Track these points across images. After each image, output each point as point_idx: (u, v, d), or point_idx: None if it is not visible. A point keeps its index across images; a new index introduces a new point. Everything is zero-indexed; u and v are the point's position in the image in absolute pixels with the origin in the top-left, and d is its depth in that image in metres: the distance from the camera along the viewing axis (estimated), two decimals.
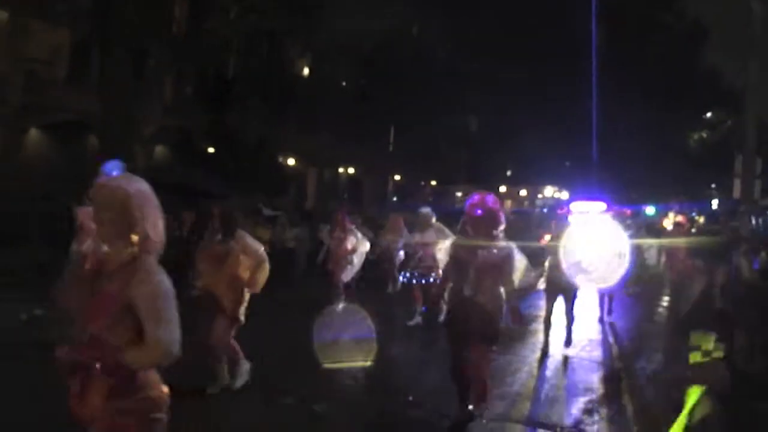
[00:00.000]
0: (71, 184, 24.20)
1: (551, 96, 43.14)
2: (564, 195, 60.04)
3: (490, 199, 7.74)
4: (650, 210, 43.73)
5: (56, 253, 12.99)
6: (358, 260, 14.98)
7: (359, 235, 15.17)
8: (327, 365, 10.17)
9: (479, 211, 7.63)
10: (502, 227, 7.72)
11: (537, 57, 41.95)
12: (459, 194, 60.33)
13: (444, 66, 43.29)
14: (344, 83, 43.24)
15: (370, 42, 37.79)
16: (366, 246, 15.33)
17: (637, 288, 16.86)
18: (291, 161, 43.36)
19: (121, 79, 23.37)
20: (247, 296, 8.68)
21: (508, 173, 61.64)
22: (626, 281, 14.00)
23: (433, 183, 60.11)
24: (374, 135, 46.20)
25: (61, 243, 13.21)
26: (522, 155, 52.03)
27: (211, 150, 34.68)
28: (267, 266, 8.74)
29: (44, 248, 16.10)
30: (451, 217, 14.78)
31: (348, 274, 14.91)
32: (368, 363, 10.56)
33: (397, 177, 56.27)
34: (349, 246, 14.74)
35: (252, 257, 8.64)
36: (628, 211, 35.75)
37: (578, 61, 37.77)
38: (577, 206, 27.67)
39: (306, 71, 43.76)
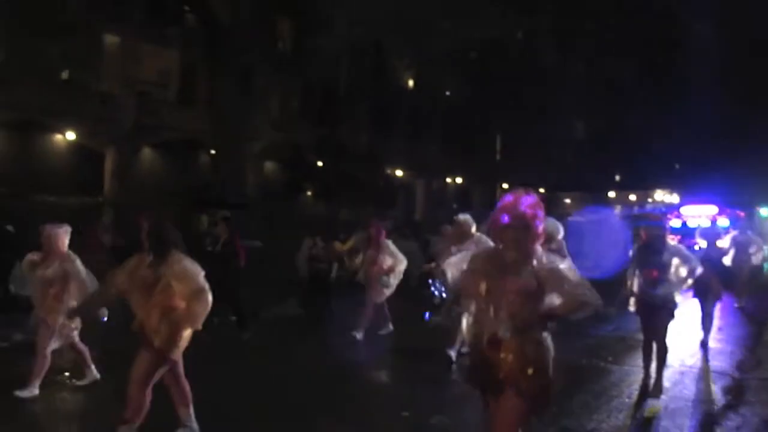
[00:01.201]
0: (183, 200, 24.76)
1: (658, 97, 42.24)
2: (675, 199, 58.58)
3: (526, 201, 5.47)
4: (765, 212, 41.94)
5: None
6: (394, 280, 13.29)
7: (395, 251, 13.41)
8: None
9: (506, 218, 5.43)
10: (539, 240, 5.44)
11: (646, 58, 41.15)
12: (568, 201, 59.53)
13: (551, 71, 42.74)
14: (449, 93, 43.03)
15: (476, 50, 37.55)
16: (403, 264, 13.41)
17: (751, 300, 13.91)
18: (399, 173, 43.36)
19: (230, 98, 23.69)
20: (186, 332, 7.05)
21: (617, 178, 60.45)
22: (738, 292, 13.18)
23: (541, 190, 59.39)
24: (481, 144, 45.90)
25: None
26: (631, 159, 51.01)
27: (319, 164, 34.89)
28: (207, 297, 7.02)
29: None
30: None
31: (381, 296, 13.22)
32: None
33: (505, 185, 55.76)
34: (385, 265, 13.16)
35: (186, 285, 6.99)
36: (742, 213, 34.46)
37: (689, 61, 36.90)
38: (687, 210, 26.86)
39: (411, 82, 43.72)
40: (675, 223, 26.62)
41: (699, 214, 25.70)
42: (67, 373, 9.51)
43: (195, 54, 32.80)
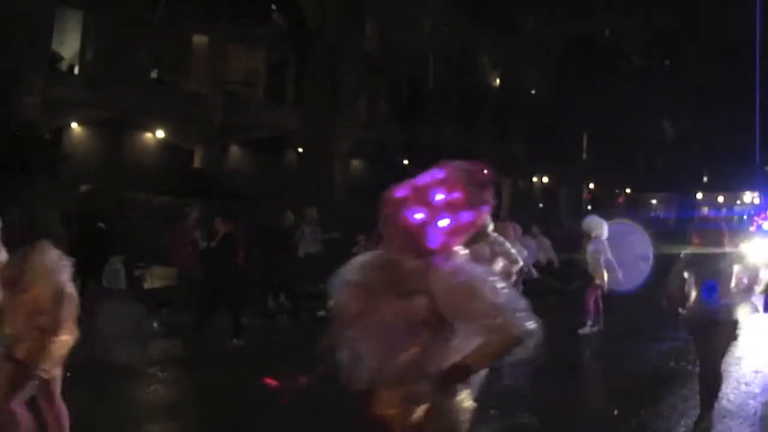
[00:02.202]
0: (271, 197, 24.90)
1: (748, 96, 41.24)
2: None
3: (422, 179, 3.73)
4: None
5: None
6: None
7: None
8: None
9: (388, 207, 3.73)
10: (445, 238, 3.60)
11: (733, 55, 40.25)
12: (654, 202, 58.58)
13: (638, 69, 42.11)
14: (534, 91, 42.61)
15: (563, 47, 37.10)
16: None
17: None
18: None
19: (318, 96, 23.74)
20: (58, 343, 5.70)
21: (705, 179, 59.23)
22: None
23: (628, 191, 58.55)
24: (568, 143, 45.38)
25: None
26: (719, 160, 49.90)
27: (406, 162, 34.81)
28: (72, 300, 5.81)
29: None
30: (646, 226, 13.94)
31: None
32: None
33: (592, 185, 55.06)
34: None
35: (45, 286, 5.66)
36: None
37: None
38: None
39: (498, 81, 43.42)
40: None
41: None
42: None
43: (283, 53, 33.05)
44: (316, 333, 4.18)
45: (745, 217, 46.39)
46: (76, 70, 28.59)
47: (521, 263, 9.88)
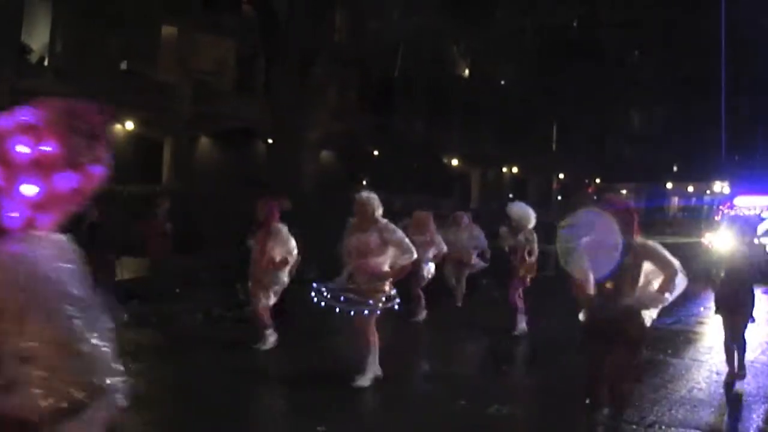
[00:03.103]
0: (240, 187, 24.94)
1: (718, 88, 41.74)
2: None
3: None
4: None
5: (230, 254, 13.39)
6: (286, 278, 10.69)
7: (289, 239, 10.47)
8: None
9: None
10: None
11: (703, 49, 40.68)
12: (624, 192, 59.00)
13: (608, 61, 42.42)
14: (504, 82, 42.84)
15: (532, 38, 37.30)
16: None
17: None
18: (455, 162, 43.32)
19: (287, 87, 23.73)
20: None
21: (675, 169, 59.76)
22: None
23: (598, 181, 58.97)
24: (538, 133, 45.65)
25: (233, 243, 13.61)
26: (689, 150, 50.40)
27: (376, 153, 34.96)
28: None
29: (220, 250, 16.42)
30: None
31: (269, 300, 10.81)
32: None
33: (561, 176, 55.42)
34: (277, 257, 10.45)
35: None
36: None
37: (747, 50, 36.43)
38: (741, 201, 26.08)
39: (467, 72, 43.58)
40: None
41: (754, 205, 24.75)
42: None
43: (252, 43, 33.01)
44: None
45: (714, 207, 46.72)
46: (45, 62, 28.49)
47: (415, 255, 8.74)
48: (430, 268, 13.45)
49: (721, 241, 17.71)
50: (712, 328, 13.15)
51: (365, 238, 8.58)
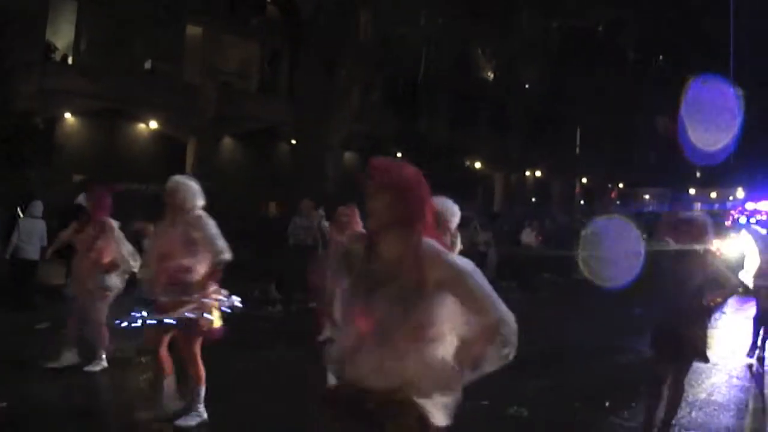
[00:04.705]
0: (264, 188, 24.95)
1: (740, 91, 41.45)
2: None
3: None
4: None
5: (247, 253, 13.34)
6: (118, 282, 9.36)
7: (121, 239, 9.26)
8: None
9: None
10: None
11: (724, 51, 40.46)
12: (647, 197, 58.70)
13: (633, 64, 42.23)
14: (528, 86, 42.69)
15: (557, 42, 37.19)
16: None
17: None
18: (478, 165, 43.24)
19: (311, 88, 23.76)
20: None
21: (698, 175, 59.38)
22: None
23: (621, 185, 58.69)
24: (561, 137, 45.46)
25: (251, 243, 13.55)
26: (713, 156, 50.01)
27: (399, 155, 34.89)
28: None
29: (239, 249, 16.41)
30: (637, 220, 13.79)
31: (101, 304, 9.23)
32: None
33: (584, 180, 55.18)
34: (106, 258, 9.10)
35: None
36: None
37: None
38: (753, 205, 25.81)
39: (492, 75, 43.47)
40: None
41: (763, 209, 24.45)
42: None
43: (277, 44, 33.09)
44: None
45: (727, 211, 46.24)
46: (69, 60, 28.62)
47: (228, 256, 7.04)
48: None
49: (733, 247, 17.56)
50: (729, 333, 13.08)
51: (170, 235, 6.93)
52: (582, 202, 53.69)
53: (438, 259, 3.32)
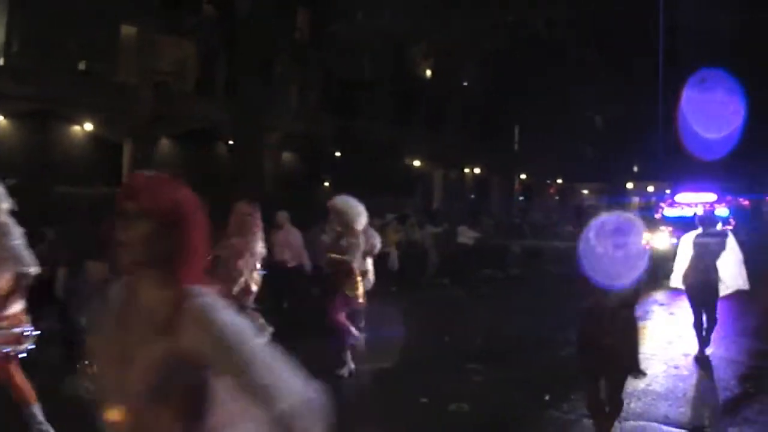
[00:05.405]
0: (202, 190, 24.82)
1: (674, 87, 42.06)
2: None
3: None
4: None
5: None
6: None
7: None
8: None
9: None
10: None
11: (659, 46, 41.03)
12: (585, 192, 59.32)
13: (569, 61, 42.54)
14: (467, 83, 42.89)
15: (494, 40, 37.39)
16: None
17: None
18: (417, 162, 43.34)
19: (249, 88, 23.60)
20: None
21: (635, 169, 60.17)
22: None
23: (559, 181, 59.26)
24: (499, 134, 45.77)
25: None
26: (649, 150, 50.70)
27: (338, 154, 34.84)
28: None
29: None
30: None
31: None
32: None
33: (523, 176, 55.61)
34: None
35: None
36: (746, 202, 32.81)
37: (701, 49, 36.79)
38: (681, 197, 25.89)
39: (430, 72, 43.59)
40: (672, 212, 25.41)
41: (695, 202, 24.29)
42: None
43: (213, 44, 32.78)
44: None
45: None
46: (1, 62, 28.07)
47: (32, 269, 6.19)
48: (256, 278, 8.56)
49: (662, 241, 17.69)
50: (666, 323, 13.27)
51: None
52: (521, 198, 54.11)
53: (201, 318, 2.37)
